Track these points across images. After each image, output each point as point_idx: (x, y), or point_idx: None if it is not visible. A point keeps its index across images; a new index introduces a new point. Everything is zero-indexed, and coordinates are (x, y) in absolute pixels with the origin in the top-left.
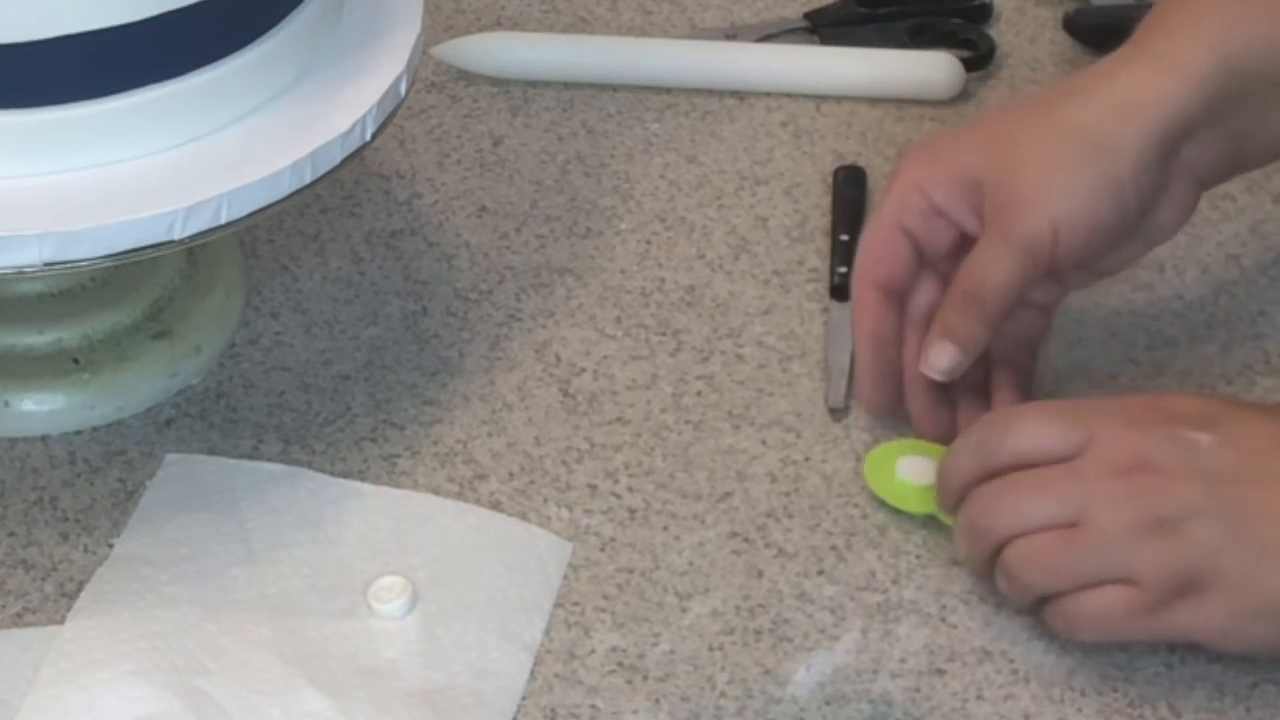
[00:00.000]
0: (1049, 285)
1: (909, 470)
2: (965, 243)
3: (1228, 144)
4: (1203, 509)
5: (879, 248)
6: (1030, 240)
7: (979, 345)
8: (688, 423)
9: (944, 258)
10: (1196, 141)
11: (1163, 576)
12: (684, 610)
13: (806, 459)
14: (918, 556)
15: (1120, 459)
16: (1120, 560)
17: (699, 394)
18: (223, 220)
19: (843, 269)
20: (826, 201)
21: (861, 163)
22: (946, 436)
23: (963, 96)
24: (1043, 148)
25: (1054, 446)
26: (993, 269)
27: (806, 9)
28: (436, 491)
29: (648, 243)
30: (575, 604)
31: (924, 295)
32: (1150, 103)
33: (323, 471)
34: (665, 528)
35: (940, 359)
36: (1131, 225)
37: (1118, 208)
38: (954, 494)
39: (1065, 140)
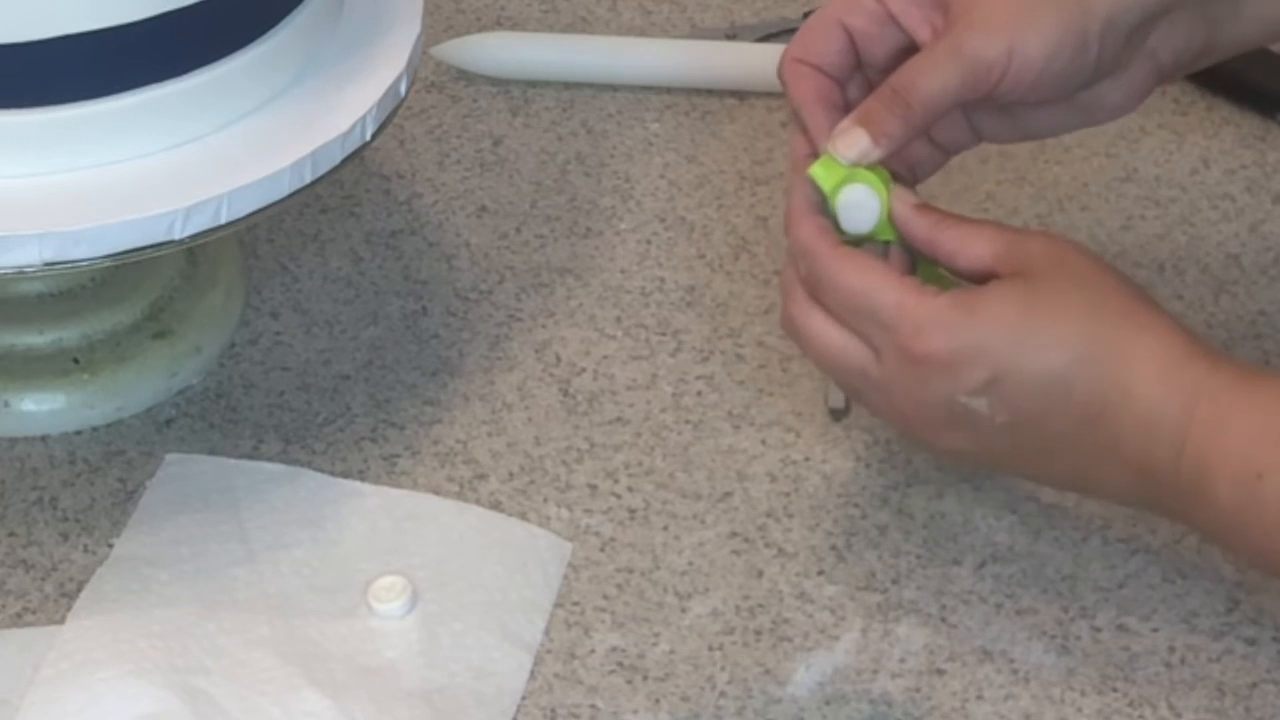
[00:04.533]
0: (961, 129)
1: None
2: (908, 55)
3: (1199, 29)
4: (969, 453)
5: (811, 35)
6: (980, 60)
7: (892, 144)
8: (688, 423)
9: (882, 68)
10: (1170, 23)
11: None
12: (684, 610)
13: (806, 459)
14: (918, 556)
15: (901, 406)
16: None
17: (699, 394)
18: (223, 220)
19: None
20: None
21: None
22: None
23: None
24: None
25: (857, 329)
26: (932, 75)
27: (806, 9)
28: (436, 491)
29: (648, 243)
30: (575, 604)
31: (854, 95)
32: None
33: (323, 471)
34: (665, 528)
35: (848, 145)
36: (1082, 83)
37: (1076, 60)
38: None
39: None
